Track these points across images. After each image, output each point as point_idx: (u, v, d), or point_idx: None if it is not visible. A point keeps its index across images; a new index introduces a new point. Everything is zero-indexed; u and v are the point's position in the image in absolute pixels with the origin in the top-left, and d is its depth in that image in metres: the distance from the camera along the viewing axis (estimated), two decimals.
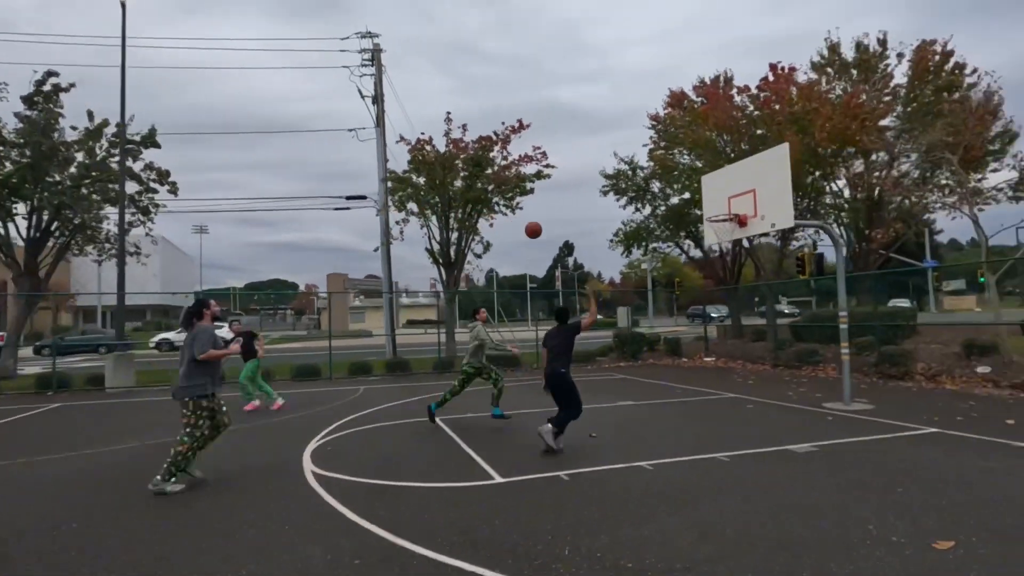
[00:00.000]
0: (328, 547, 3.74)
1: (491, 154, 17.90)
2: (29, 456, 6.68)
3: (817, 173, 17.07)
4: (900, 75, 17.39)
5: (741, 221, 8.42)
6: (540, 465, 5.69)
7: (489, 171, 17.95)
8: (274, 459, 6.24)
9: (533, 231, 6.99)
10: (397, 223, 19.62)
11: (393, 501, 4.67)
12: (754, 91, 18.25)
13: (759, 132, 17.24)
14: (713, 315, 39.91)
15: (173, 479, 5.10)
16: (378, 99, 22.63)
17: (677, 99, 20.95)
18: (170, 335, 30.19)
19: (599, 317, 9.26)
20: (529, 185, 17.92)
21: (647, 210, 23.50)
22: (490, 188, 18.24)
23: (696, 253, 24.31)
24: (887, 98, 17.17)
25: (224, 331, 12.54)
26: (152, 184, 16.97)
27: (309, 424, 8.32)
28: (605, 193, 23.98)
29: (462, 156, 17.62)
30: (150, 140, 16.85)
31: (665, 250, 25.77)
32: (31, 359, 24.74)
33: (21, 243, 15.74)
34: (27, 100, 14.75)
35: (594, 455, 6.06)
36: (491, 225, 20.61)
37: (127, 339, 16.35)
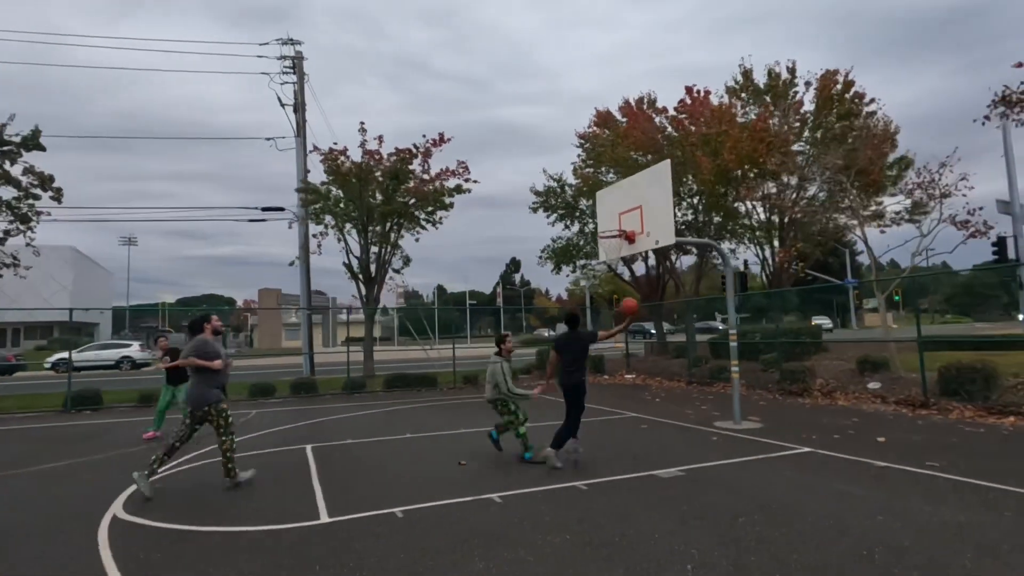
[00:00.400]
0: None
1: (410, 167, 17.43)
2: None
3: (729, 193, 17.49)
4: (808, 102, 18.20)
5: (629, 237, 8.27)
6: (378, 501, 5.15)
7: (409, 184, 17.46)
8: (88, 498, 5.43)
9: (630, 309, 6.58)
10: (315, 236, 18.77)
11: (180, 550, 4.03)
12: (672, 112, 18.67)
13: (677, 153, 17.56)
14: (652, 332, 40.74)
15: (237, 469, 5.76)
16: (299, 108, 21.85)
17: (603, 118, 21.22)
18: (65, 354, 27.75)
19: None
20: (448, 199, 17.50)
21: (576, 227, 23.63)
22: (411, 202, 17.74)
23: (624, 271, 24.56)
24: (796, 125, 17.89)
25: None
26: (33, 190, 15.54)
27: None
28: (535, 210, 23.94)
29: (379, 169, 17.05)
30: (33, 142, 15.49)
31: (596, 268, 25.94)
32: None
33: None
34: None
35: (445, 488, 5.58)
36: (416, 240, 20.13)
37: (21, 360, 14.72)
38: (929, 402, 9.57)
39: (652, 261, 22.50)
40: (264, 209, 22.53)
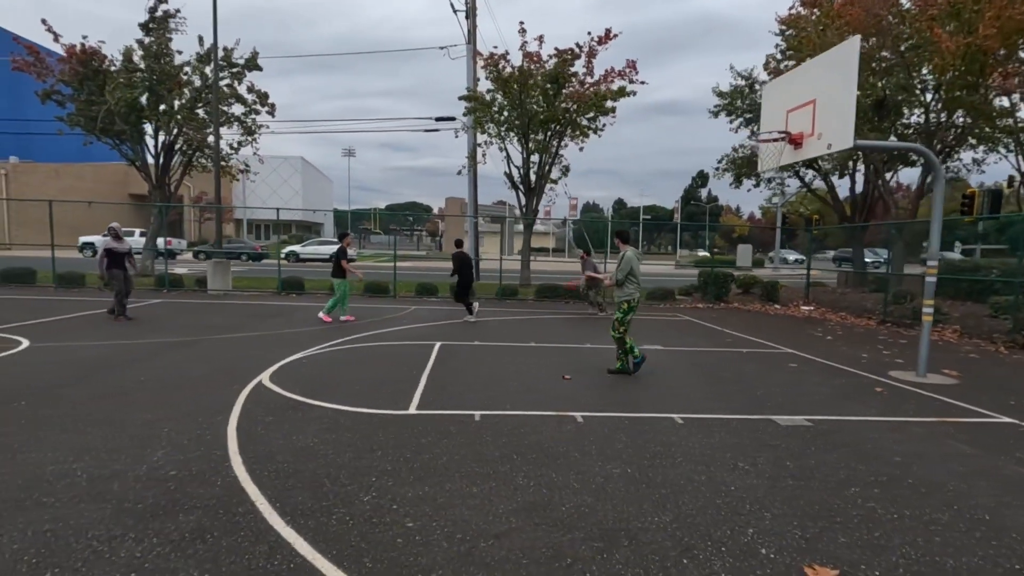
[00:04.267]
0: (171, 455, 3.81)
1: (572, 69, 16.40)
2: (91, 340, 7.81)
3: (981, 85, 13.27)
4: None
5: (795, 140, 6.75)
6: (465, 402, 5.32)
7: (570, 88, 16.55)
8: (240, 368, 6.59)
9: (570, 288, 6.48)
10: (480, 145, 19.19)
11: (287, 420, 4.66)
12: None
13: (907, 33, 13.70)
14: (867, 260, 34.36)
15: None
16: (469, 13, 21.74)
17: None
18: (296, 248, 33.40)
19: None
20: (610, 103, 16.23)
21: None
22: (572, 108, 16.89)
23: (820, 185, 20.97)
24: None
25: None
26: (255, 106, 18.24)
27: (321, 337, 8.71)
28: (716, 114, 21.30)
29: (540, 72, 16.37)
30: (252, 63, 17.95)
31: (787, 182, 22.56)
32: (188, 261, 29.16)
33: (152, 161, 18.02)
34: (143, 27, 16.32)
35: (537, 400, 5.53)
36: (581, 149, 19.41)
37: (221, 248, 18.31)
38: None
39: (861, 176, 18.72)
40: (437, 119, 23.64)
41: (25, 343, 7.41)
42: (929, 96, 14.99)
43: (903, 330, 11.76)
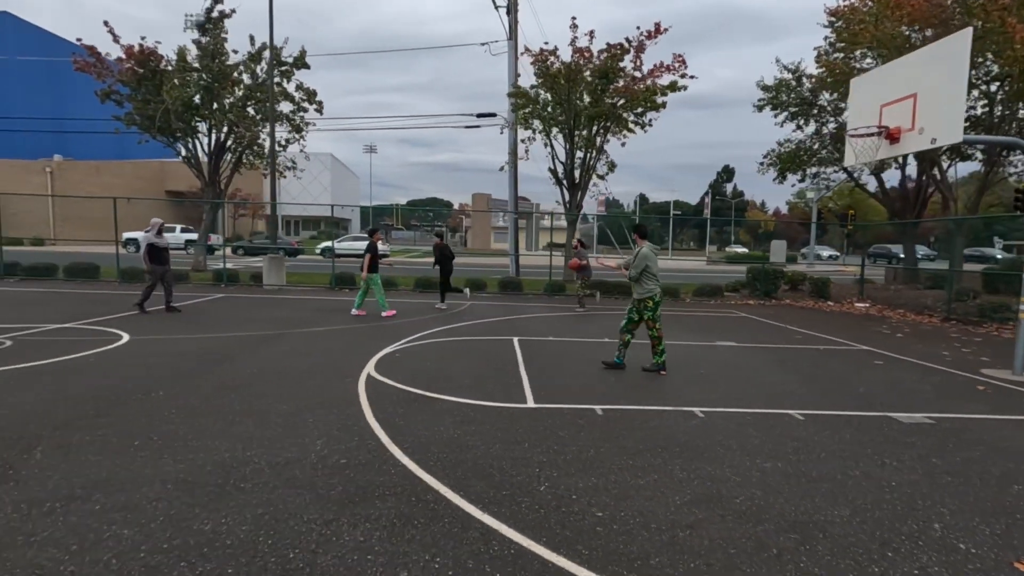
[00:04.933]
0: (331, 444, 3.95)
1: (621, 64, 16.34)
2: (183, 333, 8.06)
3: None
4: None
5: (892, 135, 6.67)
6: (579, 396, 5.40)
7: (619, 83, 16.49)
8: (343, 361, 6.75)
9: (573, 267, 6.50)
10: (523, 141, 19.21)
11: (417, 411, 4.78)
12: None
13: (974, 23, 13.36)
14: (902, 256, 33.77)
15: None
16: (511, 8, 21.74)
17: None
18: (332, 244, 33.79)
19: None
20: (660, 99, 16.14)
21: (811, 127, 20.20)
22: (619, 103, 16.83)
23: (870, 181, 20.59)
24: None
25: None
26: (302, 103, 18.50)
27: (402, 331, 8.86)
28: (760, 108, 21.03)
29: (588, 68, 16.33)
30: (301, 62, 18.20)
31: (832, 176, 22.19)
32: (229, 257, 29.67)
33: (205, 158, 18.40)
34: (200, 27, 16.64)
35: (645, 394, 5.59)
36: (623, 144, 19.36)
37: (277, 244, 18.66)
38: None
39: (912, 169, 18.36)
40: (479, 115, 23.68)
41: (125, 336, 7.67)
42: (995, 87, 14.63)
43: (969, 328, 11.54)
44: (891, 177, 21.07)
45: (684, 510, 3.12)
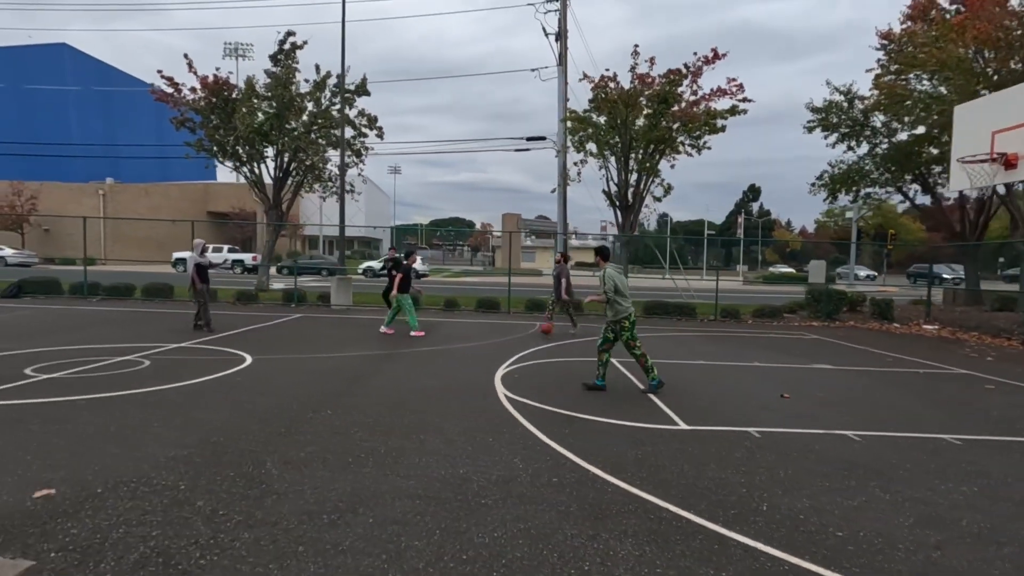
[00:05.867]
0: (527, 461, 4.14)
1: (679, 89, 16.65)
2: (297, 353, 8.38)
3: None
4: None
5: (1009, 161, 6.77)
6: (726, 418, 5.52)
7: (676, 107, 16.78)
8: (469, 381, 6.96)
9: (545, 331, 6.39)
10: (575, 164, 19.55)
11: (580, 431, 4.95)
12: None
13: None
14: (946, 276, 33.14)
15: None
16: (561, 36, 22.30)
17: (922, 9, 17.22)
18: (373, 263, 34.51)
19: None
20: (721, 122, 16.39)
21: (863, 148, 20.22)
22: (675, 126, 17.11)
23: (925, 200, 20.44)
24: None
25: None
26: (363, 129, 19.13)
27: (496, 352, 9.07)
28: (811, 129, 21.12)
29: (647, 92, 16.67)
30: (362, 89, 18.88)
31: (882, 196, 22.13)
32: (274, 276, 30.36)
33: (269, 182, 19.07)
34: (272, 58, 17.41)
35: (788, 417, 5.69)
36: (672, 166, 19.59)
37: (344, 265, 19.17)
38: None
39: (978, 191, 18.21)
40: (528, 139, 24.18)
41: (247, 356, 7.99)
42: None
43: None
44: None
45: (919, 531, 3.23)
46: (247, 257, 34.57)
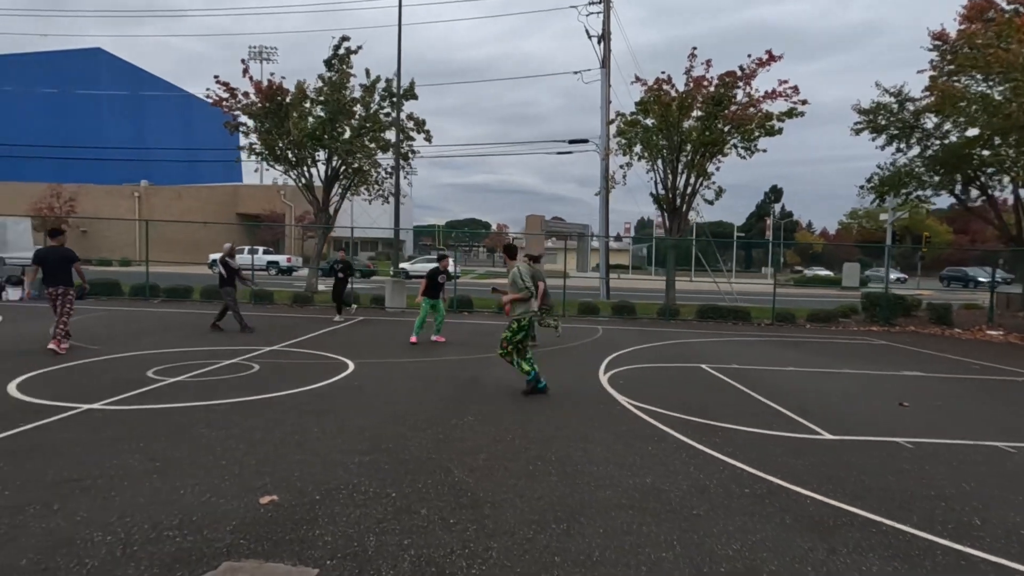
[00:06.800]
0: (704, 472, 4.13)
1: (733, 91, 16.56)
2: (393, 357, 8.45)
3: None
4: None
5: None
6: (864, 428, 5.48)
7: (728, 110, 16.68)
8: (576, 385, 6.97)
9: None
10: (620, 167, 19.48)
11: (729, 440, 4.94)
12: None
13: None
14: (981, 279, 32.70)
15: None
16: (604, 38, 22.29)
17: (979, 9, 16.96)
18: (406, 266, 34.65)
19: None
20: (778, 125, 16.27)
21: (913, 151, 19.94)
22: (726, 129, 17.01)
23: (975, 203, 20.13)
24: None
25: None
26: (411, 132, 19.23)
27: (579, 360, 9.08)
28: (858, 131, 20.85)
29: (701, 95, 16.59)
30: (410, 93, 18.97)
31: (930, 199, 21.81)
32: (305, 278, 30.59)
33: (319, 184, 19.23)
34: (327, 63, 17.57)
35: (923, 427, 5.63)
36: (717, 169, 19.44)
37: (398, 267, 19.30)
38: None
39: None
40: (571, 142, 24.22)
41: (349, 361, 8.06)
42: None
43: None
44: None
45: None
46: (282, 259, 34.90)
